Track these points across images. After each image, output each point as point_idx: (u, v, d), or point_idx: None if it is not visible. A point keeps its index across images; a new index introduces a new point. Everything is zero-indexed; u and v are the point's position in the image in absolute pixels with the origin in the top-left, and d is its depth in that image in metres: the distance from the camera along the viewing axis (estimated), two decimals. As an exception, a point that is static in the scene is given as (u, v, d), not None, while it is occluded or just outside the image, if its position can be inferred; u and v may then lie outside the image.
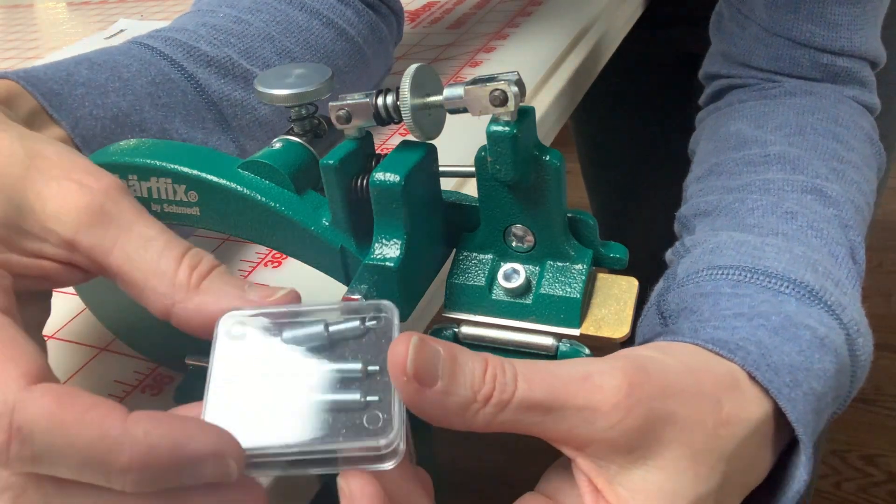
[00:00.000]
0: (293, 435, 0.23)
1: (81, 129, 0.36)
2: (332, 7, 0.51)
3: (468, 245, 0.31)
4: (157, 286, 0.26)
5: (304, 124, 0.32)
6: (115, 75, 0.39)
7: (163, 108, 0.40)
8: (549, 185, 0.28)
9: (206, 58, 0.43)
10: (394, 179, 0.28)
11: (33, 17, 0.98)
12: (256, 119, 0.44)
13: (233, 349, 0.25)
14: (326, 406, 0.24)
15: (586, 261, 0.30)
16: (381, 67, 0.56)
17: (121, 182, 0.28)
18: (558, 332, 0.30)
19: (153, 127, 0.39)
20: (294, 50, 0.48)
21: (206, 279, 0.26)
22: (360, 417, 0.23)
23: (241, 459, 0.23)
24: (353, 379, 0.24)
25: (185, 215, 0.31)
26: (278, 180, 0.30)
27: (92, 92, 0.37)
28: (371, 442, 0.23)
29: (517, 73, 0.27)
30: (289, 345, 0.25)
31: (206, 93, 0.42)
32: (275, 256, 0.43)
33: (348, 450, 0.23)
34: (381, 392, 0.24)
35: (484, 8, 0.75)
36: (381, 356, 0.24)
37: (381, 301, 0.26)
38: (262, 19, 0.48)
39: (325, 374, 0.24)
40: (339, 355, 0.25)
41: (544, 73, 0.59)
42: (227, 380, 0.24)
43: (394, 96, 0.28)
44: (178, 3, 0.91)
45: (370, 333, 0.25)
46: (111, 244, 0.26)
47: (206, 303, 0.26)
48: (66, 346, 0.39)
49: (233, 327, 0.25)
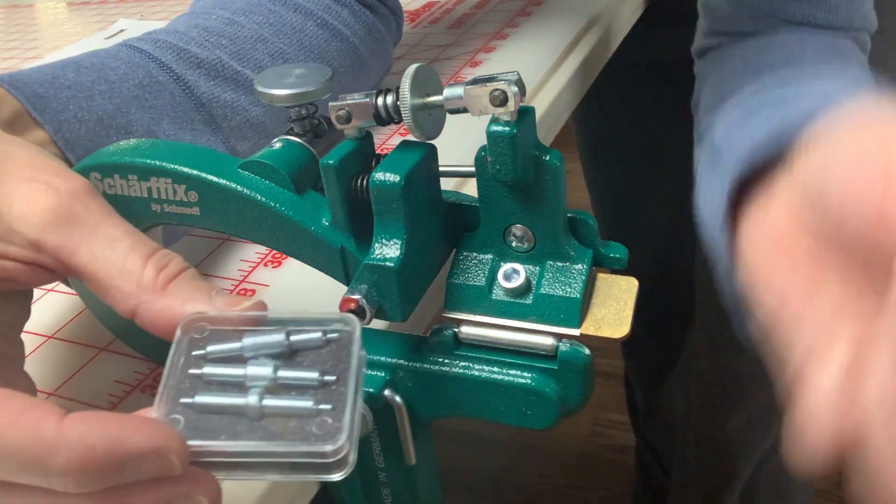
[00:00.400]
0: (240, 435, 0.23)
1: (65, 131, 0.36)
2: (327, 8, 0.51)
3: (468, 245, 0.31)
4: (122, 286, 0.26)
5: (304, 124, 0.32)
6: (101, 78, 0.39)
7: (150, 109, 0.40)
8: (549, 185, 0.28)
9: (195, 60, 0.43)
10: (394, 179, 0.28)
11: (33, 17, 0.98)
12: (247, 120, 0.45)
13: (191, 351, 0.25)
14: (278, 411, 0.24)
15: (586, 261, 0.30)
16: (379, 68, 0.56)
17: (89, 183, 0.28)
18: (558, 331, 0.30)
19: (139, 129, 0.39)
20: (287, 51, 0.48)
21: (174, 281, 0.26)
22: (309, 424, 0.23)
23: (183, 455, 0.23)
24: (309, 387, 0.24)
25: (185, 215, 0.31)
26: (278, 180, 0.30)
27: (77, 95, 0.38)
28: (316, 447, 0.23)
29: (517, 73, 0.27)
30: (248, 351, 0.25)
31: (194, 94, 0.43)
32: (275, 256, 0.43)
33: (293, 454, 0.23)
34: (336, 401, 0.24)
35: (484, 8, 0.75)
36: (339, 367, 0.24)
37: (346, 315, 0.26)
38: (254, 21, 0.48)
39: (281, 381, 0.24)
40: (298, 364, 0.25)
41: (544, 72, 0.59)
42: (182, 380, 0.24)
43: (394, 96, 0.28)
44: (178, 2, 0.91)
45: (331, 345, 0.25)
46: (77, 245, 0.26)
47: (171, 305, 0.26)
48: (66, 346, 0.39)
49: (194, 330, 0.25)
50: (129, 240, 0.27)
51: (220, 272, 0.42)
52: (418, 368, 0.31)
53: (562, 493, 1.50)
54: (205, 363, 0.25)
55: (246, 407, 0.24)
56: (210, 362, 0.25)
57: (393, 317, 0.29)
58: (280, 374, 0.24)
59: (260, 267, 0.42)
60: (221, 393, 0.24)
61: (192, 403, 0.24)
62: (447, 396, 0.31)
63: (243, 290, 0.41)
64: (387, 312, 0.29)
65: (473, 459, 1.55)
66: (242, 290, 0.41)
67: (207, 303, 0.26)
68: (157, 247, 0.27)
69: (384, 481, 0.35)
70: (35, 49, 0.82)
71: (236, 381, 0.24)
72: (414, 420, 0.32)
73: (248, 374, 0.24)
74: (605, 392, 1.63)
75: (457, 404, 0.31)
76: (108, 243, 0.26)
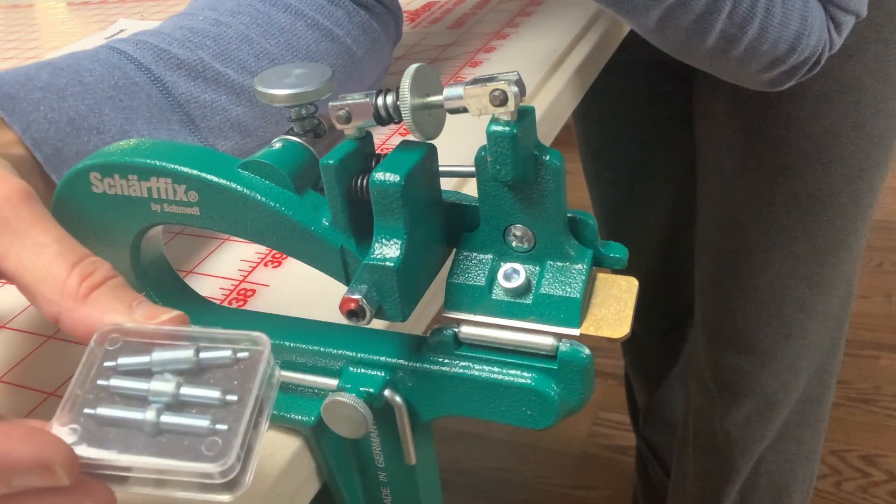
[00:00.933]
0: (134, 449, 0.23)
1: (33, 131, 0.37)
2: (319, 8, 0.51)
3: (468, 245, 0.31)
4: (46, 292, 0.26)
5: (304, 124, 0.32)
6: (76, 80, 0.40)
7: (124, 110, 0.41)
8: (548, 185, 0.28)
9: (176, 61, 0.44)
10: (394, 179, 0.28)
11: (33, 17, 0.98)
12: (228, 120, 0.45)
13: (103, 362, 0.25)
14: (174, 428, 0.24)
15: (586, 261, 0.30)
16: (375, 68, 0.56)
17: (27, 188, 0.28)
18: (558, 331, 0.30)
19: (112, 128, 0.40)
20: (273, 51, 0.48)
21: (97, 290, 0.26)
22: (202, 443, 0.23)
23: (70, 467, 0.23)
24: (209, 406, 0.24)
25: (185, 215, 0.31)
26: (278, 180, 0.30)
27: (49, 96, 0.38)
28: (204, 467, 0.23)
29: (517, 73, 0.27)
30: (156, 365, 0.25)
31: (172, 95, 0.43)
32: (275, 256, 0.43)
33: (183, 472, 0.23)
34: (232, 422, 0.24)
35: (484, 8, 0.75)
36: (243, 387, 0.24)
37: (260, 335, 0.26)
38: (242, 21, 0.48)
39: (183, 398, 0.24)
40: (203, 381, 0.25)
41: (544, 72, 0.59)
42: (89, 390, 0.24)
43: (394, 96, 0.28)
44: (178, 2, 0.91)
45: (240, 364, 0.25)
46: (6, 249, 0.27)
47: (89, 315, 0.26)
48: (66, 346, 0.39)
49: (106, 341, 0.25)
50: (57, 246, 0.27)
51: (220, 272, 0.42)
52: (418, 368, 0.31)
53: (562, 493, 1.50)
54: (113, 375, 0.25)
55: (143, 422, 0.24)
56: (118, 375, 0.25)
57: (393, 317, 0.29)
58: (182, 390, 0.24)
59: (260, 267, 0.42)
60: (123, 406, 0.24)
61: (93, 414, 0.24)
62: (447, 396, 0.31)
63: (243, 290, 0.41)
64: (387, 312, 0.29)
65: (473, 459, 1.55)
66: (242, 289, 0.41)
67: (127, 314, 0.26)
68: (85, 254, 0.27)
69: (384, 481, 0.35)
70: (35, 49, 0.82)
71: (139, 396, 0.24)
72: (414, 420, 0.32)
73: (150, 389, 0.24)
74: (605, 392, 1.63)
75: (457, 404, 0.31)
76: (35, 249, 0.27)
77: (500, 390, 0.30)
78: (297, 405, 0.33)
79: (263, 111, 0.47)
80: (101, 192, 0.32)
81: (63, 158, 0.37)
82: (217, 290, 0.41)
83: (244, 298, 0.40)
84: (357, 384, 0.31)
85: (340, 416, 0.31)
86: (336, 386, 0.31)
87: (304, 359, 0.33)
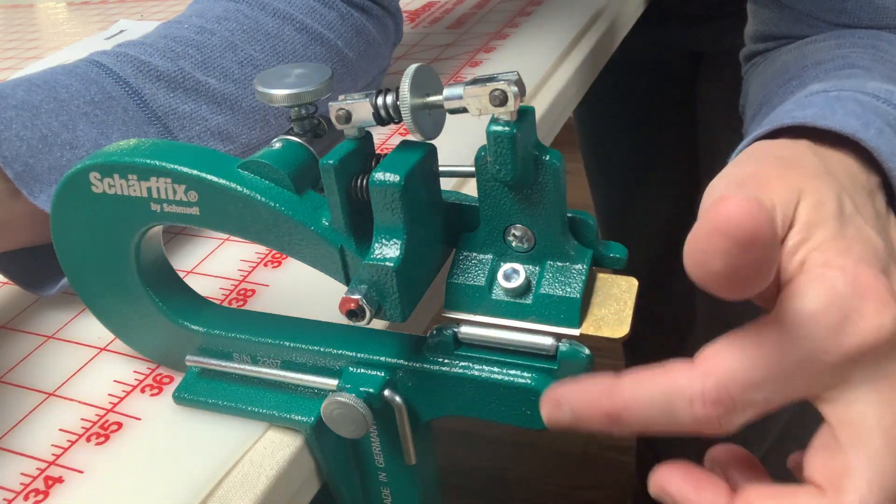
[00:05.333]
0: None
1: (4, 149, 0.38)
2: (309, 11, 0.51)
3: (468, 245, 0.31)
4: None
5: (304, 124, 0.32)
6: (51, 96, 0.41)
7: (100, 125, 0.41)
8: (548, 185, 0.29)
9: (156, 73, 0.45)
10: (394, 179, 0.28)
11: (33, 17, 0.98)
12: (207, 129, 0.46)
13: None
14: None
15: (586, 261, 0.30)
16: (370, 70, 0.56)
17: None
18: (558, 332, 0.30)
19: (87, 143, 0.40)
20: (258, 57, 0.48)
21: None
22: None
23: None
24: None
25: (185, 215, 0.31)
26: (278, 180, 0.30)
27: (23, 114, 0.39)
28: None
29: (517, 73, 0.27)
30: None
31: (149, 107, 0.44)
32: (275, 256, 0.43)
33: None
34: None
35: (484, 8, 0.75)
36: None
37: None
38: (227, 28, 0.49)
39: None
40: None
41: (544, 72, 0.59)
42: None
43: (394, 96, 0.28)
44: (178, 3, 0.92)
45: None
46: None
47: None
48: (66, 346, 0.39)
49: None
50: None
51: (220, 272, 0.42)
52: (418, 368, 0.31)
53: (562, 493, 1.50)
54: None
55: None
56: None
57: (393, 317, 0.29)
58: None
59: (260, 267, 0.42)
60: None
61: None
62: (447, 396, 0.31)
63: (243, 290, 0.41)
64: (387, 312, 0.29)
65: (473, 459, 1.55)
66: (242, 289, 0.41)
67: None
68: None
69: (384, 481, 0.35)
70: (35, 49, 0.82)
71: None
72: (414, 420, 0.32)
73: None
74: (605, 392, 1.63)
75: (457, 404, 0.31)
76: None
77: (500, 390, 0.30)
78: (297, 405, 0.33)
79: (246, 117, 0.48)
80: (101, 192, 0.32)
81: (35, 175, 0.38)
82: (217, 290, 0.41)
83: (244, 298, 0.40)
84: (357, 384, 0.31)
85: (340, 416, 0.31)
86: (336, 386, 0.31)
87: (304, 359, 0.33)
